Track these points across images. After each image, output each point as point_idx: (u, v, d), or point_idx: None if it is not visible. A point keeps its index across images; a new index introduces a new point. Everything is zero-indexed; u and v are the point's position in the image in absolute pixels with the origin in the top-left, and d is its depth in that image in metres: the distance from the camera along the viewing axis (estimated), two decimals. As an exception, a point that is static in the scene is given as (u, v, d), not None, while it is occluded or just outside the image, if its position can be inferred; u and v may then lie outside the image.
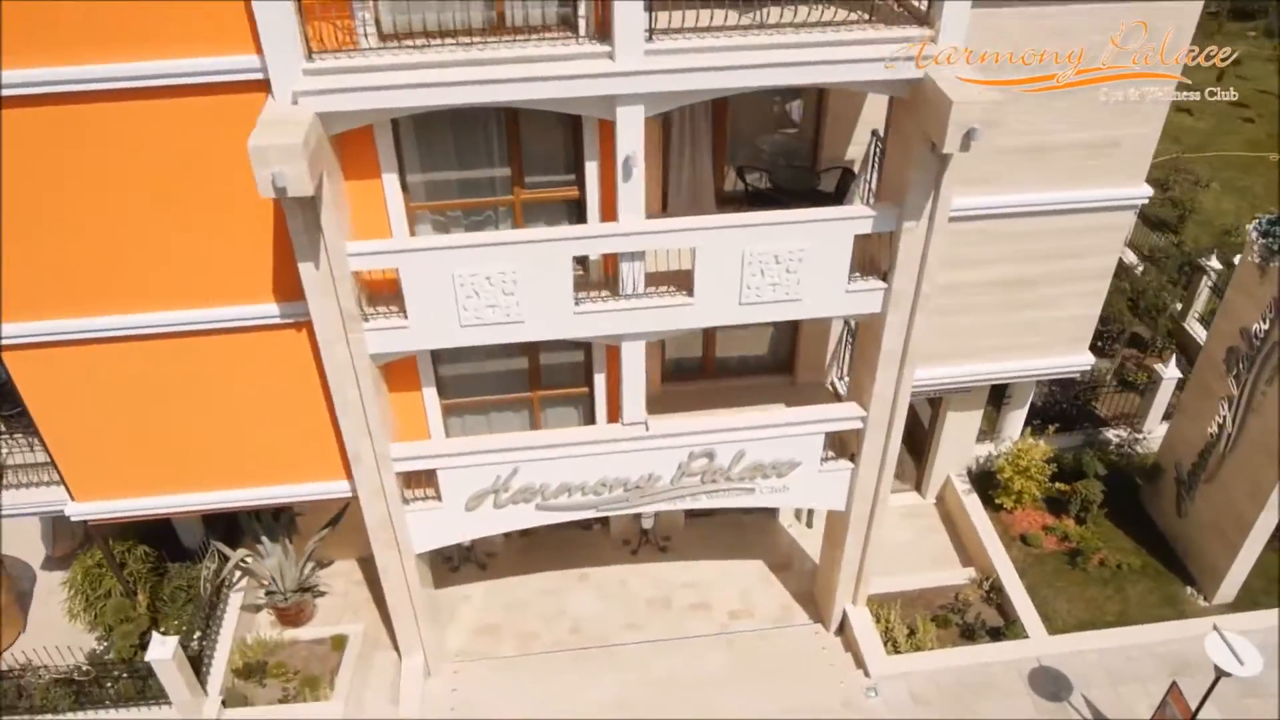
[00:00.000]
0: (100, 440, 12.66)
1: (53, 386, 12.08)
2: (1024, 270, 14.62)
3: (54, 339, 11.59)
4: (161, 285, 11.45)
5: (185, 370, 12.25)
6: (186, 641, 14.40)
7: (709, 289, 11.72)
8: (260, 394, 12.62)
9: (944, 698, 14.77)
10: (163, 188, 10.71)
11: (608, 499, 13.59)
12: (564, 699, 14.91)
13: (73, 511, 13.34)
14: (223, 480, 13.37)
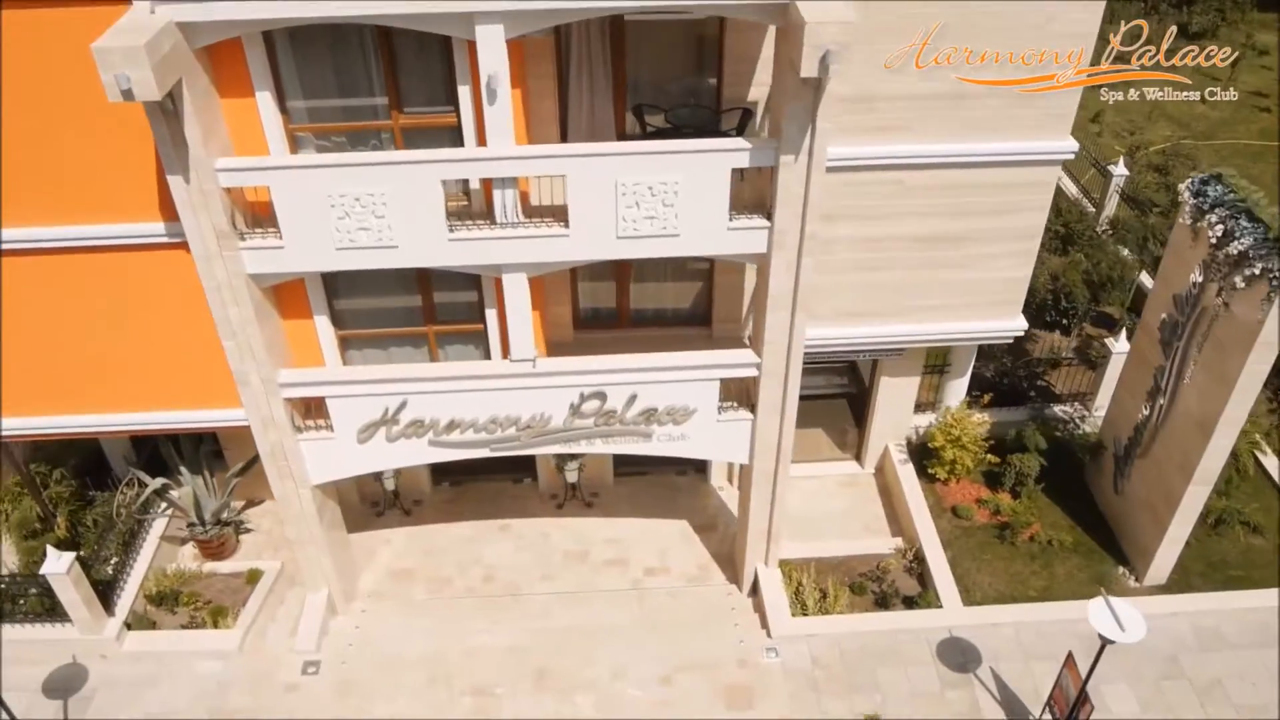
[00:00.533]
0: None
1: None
2: (948, 226, 14.20)
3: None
4: (46, 199, 11.69)
5: (78, 288, 12.50)
6: (93, 562, 14.69)
7: (584, 220, 11.58)
8: (154, 315, 12.84)
9: (845, 663, 14.41)
10: (44, 100, 10.94)
11: (501, 438, 13.51)
12: (460, 641, 14.87)
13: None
14: (121, 403, 13.61)
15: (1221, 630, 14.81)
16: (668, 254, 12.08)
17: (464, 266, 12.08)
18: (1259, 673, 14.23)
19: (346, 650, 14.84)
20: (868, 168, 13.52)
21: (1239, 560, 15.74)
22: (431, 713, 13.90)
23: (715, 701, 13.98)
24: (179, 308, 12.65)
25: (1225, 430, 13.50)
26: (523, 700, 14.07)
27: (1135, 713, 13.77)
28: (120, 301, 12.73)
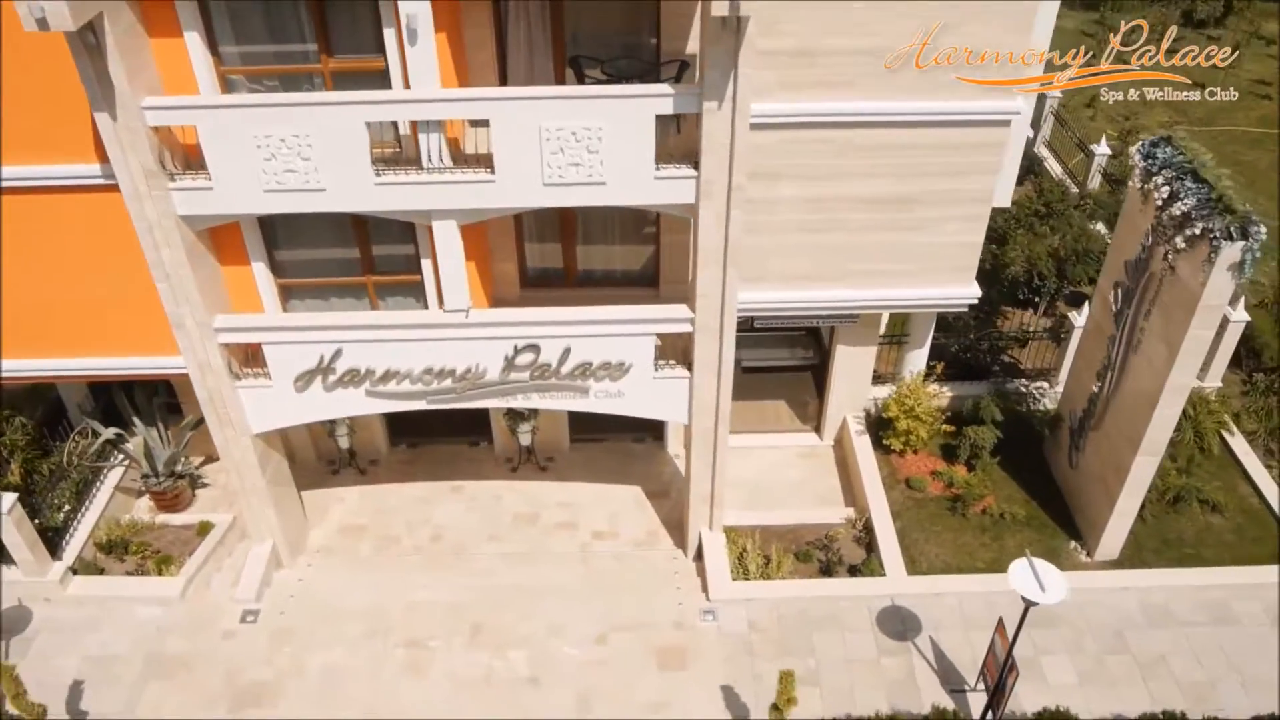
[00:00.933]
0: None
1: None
2: (895, 188, 14.02)
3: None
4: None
5: (18, 230, 12.66)
6: (43, 508, 14.88)
7: (510, 166, 11.55)
8: (96, 259, 12.97)
9: (782, 627, 14.27)
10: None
11: (437, 390, 13.53)
12: (401, 596, 14.90)
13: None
14: (65, 348, 13.76)
15: (1171, 607, 14.52)
16: (595, 203, 12.02)
17: (392, 212, 12.11)
18: (1207, 650, 13.93)
19: (288, 601, 14.92)
20: (810, 125, 13.38)
21: (1195, 538, 15.42)
22: (365, 663, 13.94)
23: (648, 662, 13.90)
24: (119, 251, 12.75)
25: (1170, 399, 13.23)
26: (457, 654, 14.07)
27: (1073, 684, 13.51)
28: (61, 245, 12.88)
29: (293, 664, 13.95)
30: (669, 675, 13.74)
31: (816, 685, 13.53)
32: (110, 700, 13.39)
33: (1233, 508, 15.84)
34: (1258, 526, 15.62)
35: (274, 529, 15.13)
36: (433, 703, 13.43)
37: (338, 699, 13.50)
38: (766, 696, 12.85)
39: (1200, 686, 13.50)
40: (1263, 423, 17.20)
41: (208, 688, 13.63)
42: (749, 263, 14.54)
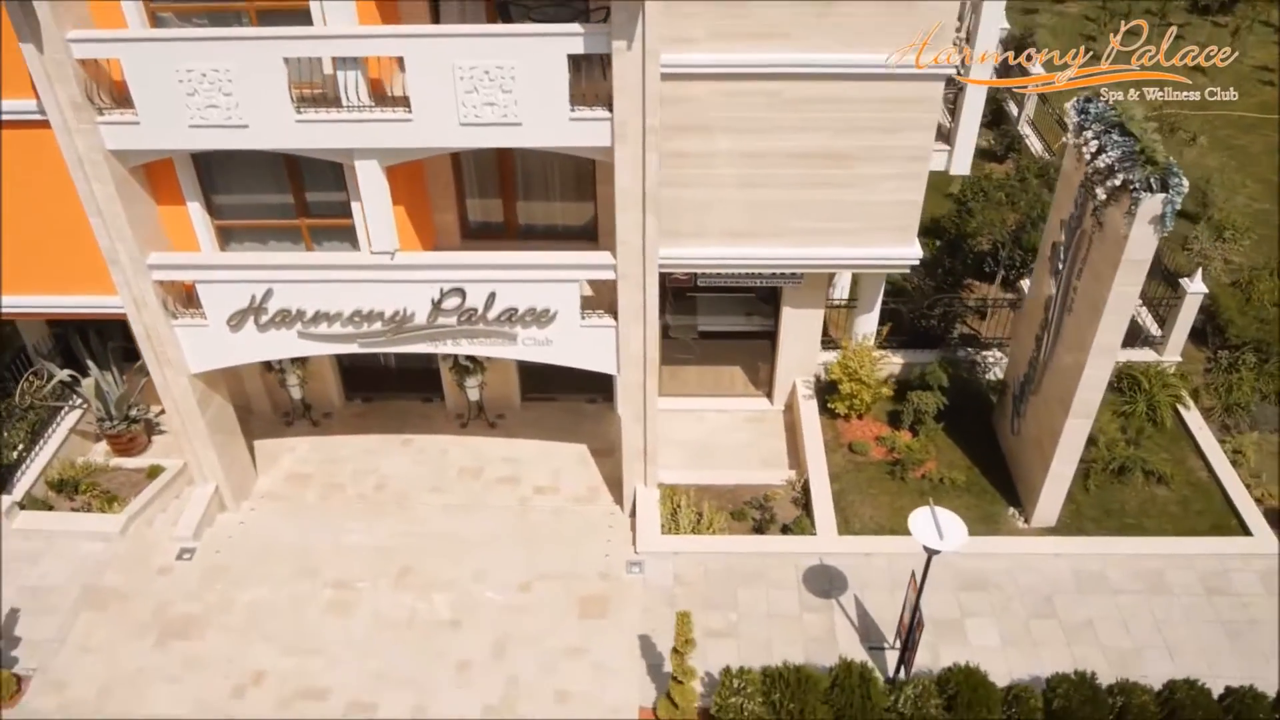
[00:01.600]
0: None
1: None
2: (831, 143, 13.98)
3: None
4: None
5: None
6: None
7: (426, 105, 11.68)
8: (38, 195, 13.25)
9: (708, 581, 14.27)
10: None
11: (367, 332, 13.70)
12: (336, 540, 15.11)
13: None
14: (12, 285, 14.08)
15: (1105, 575, 14.32)
16: (512, 144, 12.15)
17: (315, 150, 12.30)
18: (1137, 617, 13.73)
19: (225, 541, 15.19)
20: (743, 76, 13.38)
21: (1138, 509, 15.19)
22: (291, 601, 14.15)
23: (569, 610, 13.97)
24: (59, 188, 13.02)
25: (1098, 360, 13.06)
26: (382, 595, 14.24)
27: (995, 646, 13.38)
28: (4, 180, 13.19)
29: (221, 600, 14.19)
30: (588, 623, 13.79)
31: (735, 638, 13.52)
32: (43, 628, 13.72)
33: (1180, 480, 15.59)
34: (1203, 499, 15.36)
35: (216, 472, 15.39)
36: (353, 641, 13.61)
37: (260, 633, 13.72)
38: (718, 646, 12.97)
39: (1125, 653, 13.30)
40: (1220, 399, 16.89)
41: (137, 619, 13.91)
42: (688, 218, 14.67)
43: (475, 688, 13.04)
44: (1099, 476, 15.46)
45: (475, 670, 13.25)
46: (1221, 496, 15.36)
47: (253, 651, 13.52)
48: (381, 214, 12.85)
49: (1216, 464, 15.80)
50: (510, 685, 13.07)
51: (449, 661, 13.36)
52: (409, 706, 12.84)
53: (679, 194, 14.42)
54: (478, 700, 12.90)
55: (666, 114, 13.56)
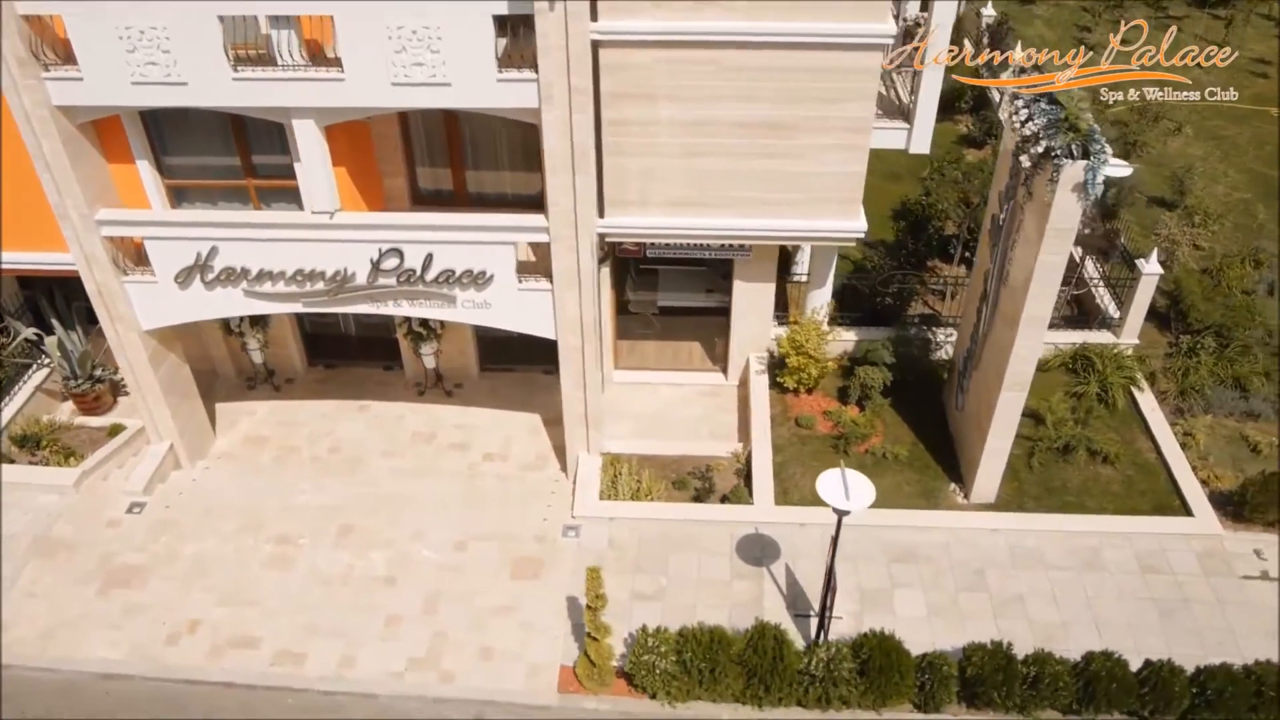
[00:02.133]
0: None
1: None
2: (773, 113, 14.00)
3: None
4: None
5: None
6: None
7: (358, 65, 11.92)
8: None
9: (641, 547, 14.41)
10: None
11: (310, 292, 13.95)
12: (284, 499, 15.40)
13: None
14: (-29, 236, 14.50)
15: (1041, 551, 14.30)
16: (442, 104, 12.38)
17: (251, 109, 12.58)
18: (1068, 593, 13.69)
19: (176, 497, 15.52)
20: (684, 44, 13.40)
21: (1080, 487, 15.13)
22: (234, 554, 14.47)
23: (501, 570, 14.16)
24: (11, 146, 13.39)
25: (1028, 331, 13.05)
26: (321, 551, 14.51)
27: (921, 617, 13.40)
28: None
29: (166, 551, 14.53)
30: (520, 583, 13.98)
31: (661, 601, 13.65)
32: None
33: (1126, 461, 15.50)
34: (1148, 480, 15.27)
35: (170, 430, 15.72)
36: (289, 594, 13.88)
37: (200, 585, 14.03)
38: (614, 604, 13.05)
39: (1052, 626, 13.27)
40: (1175, 382, 16.76)
41: (84, 568, 14.27)
42: (632, 186, 14.78)
43: (403, 641, 13.27)
44: (1043, 455, 15.42)
45: (405, 625, 13.47)
46: (1167, 478, 15.27)
47: (191, 601, 13.83)
48: (320, 174, 13.11)
49: (1165, 446, 15.69)
50: (437, 639, 13.28)
51: (380, 616, 13.60)
52: (336, 657, 13.09)
53: (623, 162, 14.56)
54: (404, 653, 13.12)
55: (609, 81, 13.77)
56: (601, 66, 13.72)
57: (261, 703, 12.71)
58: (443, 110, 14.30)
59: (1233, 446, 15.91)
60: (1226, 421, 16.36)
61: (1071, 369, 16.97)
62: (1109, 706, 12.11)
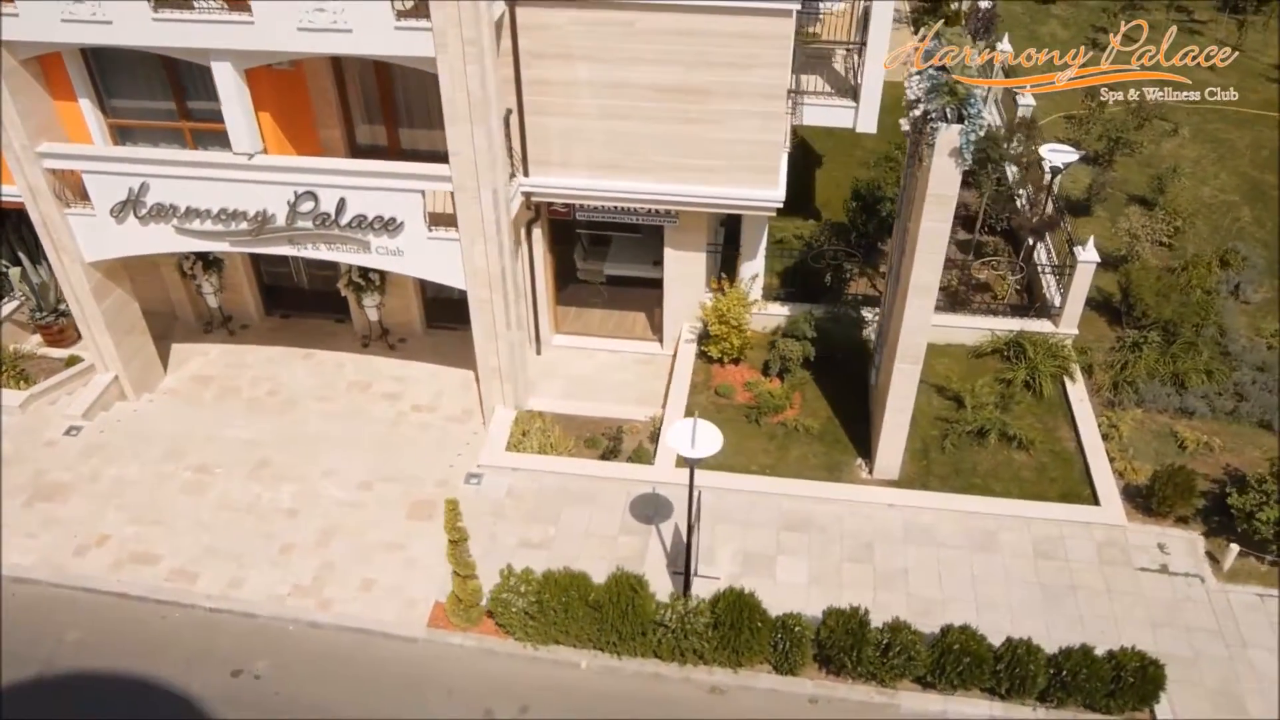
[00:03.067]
0: None
1: None
2: (687, 77, 14.17)
3: None
4: None
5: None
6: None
7: (267, 9, 12.47)
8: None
9: (538, 498, 14.69)
10: None
11: (235, 231, 14.55)
12: (213, 432, 16.06)
13: None
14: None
15: (936, 528, 14.18)
16: (345, 51, 12.84)
17: (171, 49, 13.20)
18: (954, 571, 13.56)
19: (114, 424, 16.29)
20: (598, 4, 13.69)
21: (990, 470, 14.95)
22: (153, 479, 15.15)
23: (399, 510, 14.58)
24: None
25: (916, 300, 13.01)
26: (234, 481, 15.11)
27: (801, 584, 13.42)
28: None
29: (91, 472, 15.28)
30: (413, 523, 14.37)
31: (548, 550, 13.89)
32: (-70, 482, 15.03)
33: (1043, 448, 15.27)
34: (1061, 467, 15.01)
35: (114, 361, 16.51)
36: (196, 518, 14.52)
37: (116, 504, 14.73)
38: (493, 553, 13.42)
39: (931, 602, 13.17)
40: (1110, 374, 16.40)
41: (14, 482, 15.09)
42: (554, 146, 15.11)
43: (291, 569, 13.77)
44: (957, 438, 15.28)
45: (296, 553, 13.98)
46: (1082, 467, 14.99)
47: (105, 518, 14.54)
48: (240, 116, 13.67)
49: (1086, 436, 15.39)
50: (324, 569, 13.75)
51: (276, 544, 14.12)
52: (227, 579, 13.65)
53: (544, 121, 14.88)
54: (290, 580, 13.62)
55: (527, 40, 14.14)
56: (519, 26, 14.09)
57: (150, 614, 13.33)
58: (374, 64, 14.84)
59: (1159, 441, 15.52)
60: (1159, 417, 15.96)
61: (1006, 356, 16.74)
62: (963, 682, 11.98)
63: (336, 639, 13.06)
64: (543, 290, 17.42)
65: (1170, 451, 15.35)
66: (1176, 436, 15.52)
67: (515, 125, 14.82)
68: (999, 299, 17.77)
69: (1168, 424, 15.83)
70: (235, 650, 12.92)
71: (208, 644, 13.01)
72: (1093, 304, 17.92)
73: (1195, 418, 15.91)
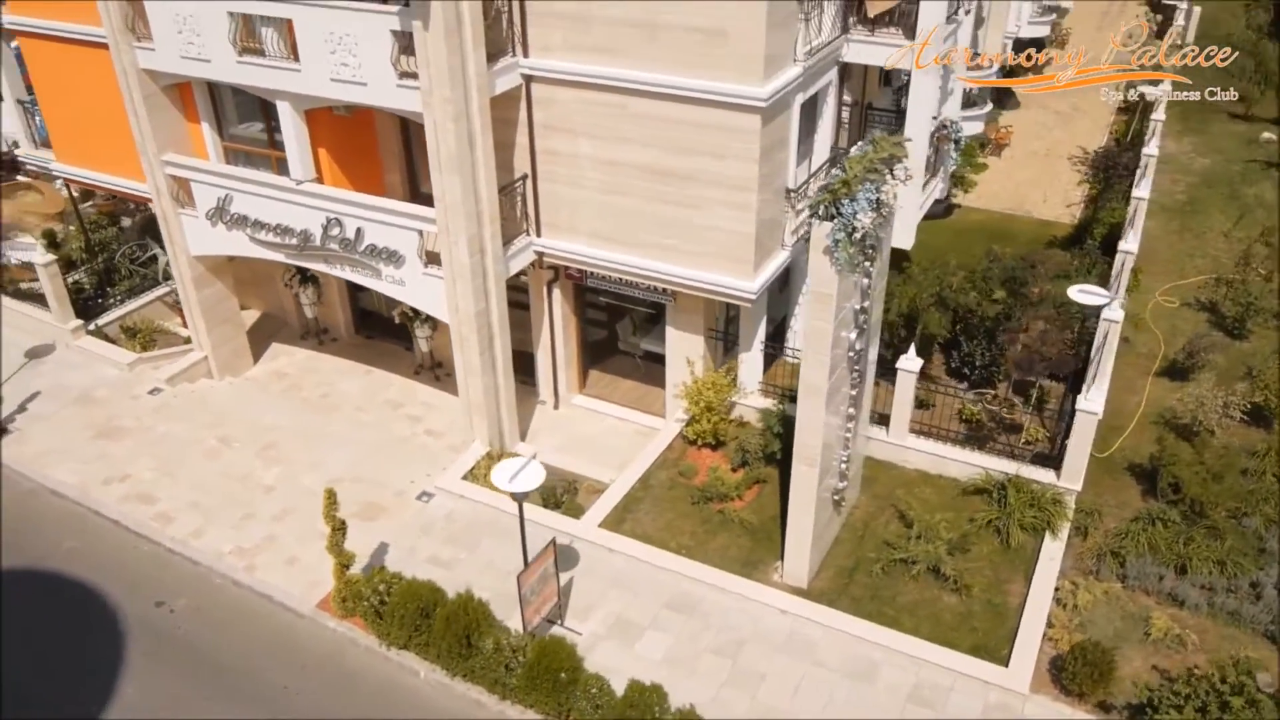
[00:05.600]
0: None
1: None
2: (670, 161, 15.04)
3: None
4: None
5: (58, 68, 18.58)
6: (87, 289, 20.91)
7: (309, 60, 15.00)
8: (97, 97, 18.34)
9: (469, 525, 15.79)
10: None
11: (287, 245, 17.13)
12: (255, 417, 18.66)
13: None
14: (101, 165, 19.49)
15: (819, 645, 13.55)
16: (363, 101, 15.05)
17: (247, 85, 16.09)
18: (815, 691, 12.92)
19: (188, 393, 19.36)
20: (595, 87, 15.02)
21: (910, 604, 14.07)
22: (187, 439, 17.87)
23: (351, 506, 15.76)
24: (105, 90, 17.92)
25: (806, 401, 12.89)
26: (242, 455, 17.52)
27: (654, 660, 13.35)
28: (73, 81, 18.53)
29: (148, 425, 18.29)
30: (358, 521, 15.65)
31: (446, 570, 14.83)
32: (44, 409, 18.65)
33: (980, 597, 14.13)
34: (989, 619, 13.81)
35: (205, 344, 19.67)
36: (199, 476, 17.04)
37: (150, 452, 17.57)
38: (404, 562, 14.63)
39: (772, 712, 12.66)
40: (1101, 540, 14.81)
41: (93, 420, 18.40)
42: (562, 213, 16.54)
43: (243, 533, 15.75)
44: (890, 565, 14.53)
45: (253, 522, 15.99)
46: (1013, 626, 13.69)
47: (137, 462, 17.36)
48: (296, 148, 16.28)
49: (1035, 596, 14.04)
50: (266, 540, 15.62)
51: (241, 511, 16.21)
52: (193, 528, 15.92)
53: (554, 188, 16.31)
54: (236, 542, 15.61)
55: (540, 113, 15.78)
56: (534, 100, 15.74)
57: (129, 542, 15.78)
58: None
59: (1124, 621, 13.79)
60: (1142, 597, 14.17)
61: (994, 498, 15.63)
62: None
63: (246, 598, 14.76)
64: (561, 350, 18.59)
65: (1133, 636, 13.62)
66: (1147, 622, 13.74)
67: (530, 189, 16.40)
68: (1029, 443, 16.58)
69: (1148, 607, 14.03)
70: (169, 585, 14.99)
71: (154, 575, 15.19)
72: (1135, 470, 16.33)
73: (1185, 608, 13.99)
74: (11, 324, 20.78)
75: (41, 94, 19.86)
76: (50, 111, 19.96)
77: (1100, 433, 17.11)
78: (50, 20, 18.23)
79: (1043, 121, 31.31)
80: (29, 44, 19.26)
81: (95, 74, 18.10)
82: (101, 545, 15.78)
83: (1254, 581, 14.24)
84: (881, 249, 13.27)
